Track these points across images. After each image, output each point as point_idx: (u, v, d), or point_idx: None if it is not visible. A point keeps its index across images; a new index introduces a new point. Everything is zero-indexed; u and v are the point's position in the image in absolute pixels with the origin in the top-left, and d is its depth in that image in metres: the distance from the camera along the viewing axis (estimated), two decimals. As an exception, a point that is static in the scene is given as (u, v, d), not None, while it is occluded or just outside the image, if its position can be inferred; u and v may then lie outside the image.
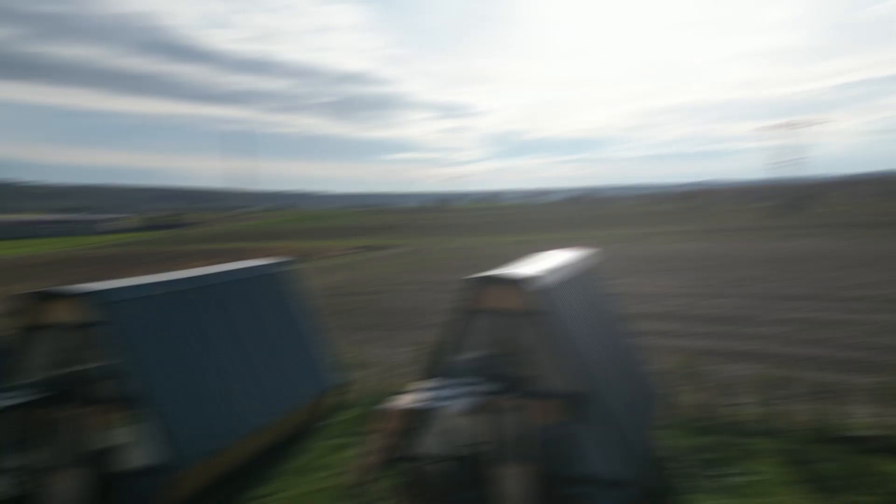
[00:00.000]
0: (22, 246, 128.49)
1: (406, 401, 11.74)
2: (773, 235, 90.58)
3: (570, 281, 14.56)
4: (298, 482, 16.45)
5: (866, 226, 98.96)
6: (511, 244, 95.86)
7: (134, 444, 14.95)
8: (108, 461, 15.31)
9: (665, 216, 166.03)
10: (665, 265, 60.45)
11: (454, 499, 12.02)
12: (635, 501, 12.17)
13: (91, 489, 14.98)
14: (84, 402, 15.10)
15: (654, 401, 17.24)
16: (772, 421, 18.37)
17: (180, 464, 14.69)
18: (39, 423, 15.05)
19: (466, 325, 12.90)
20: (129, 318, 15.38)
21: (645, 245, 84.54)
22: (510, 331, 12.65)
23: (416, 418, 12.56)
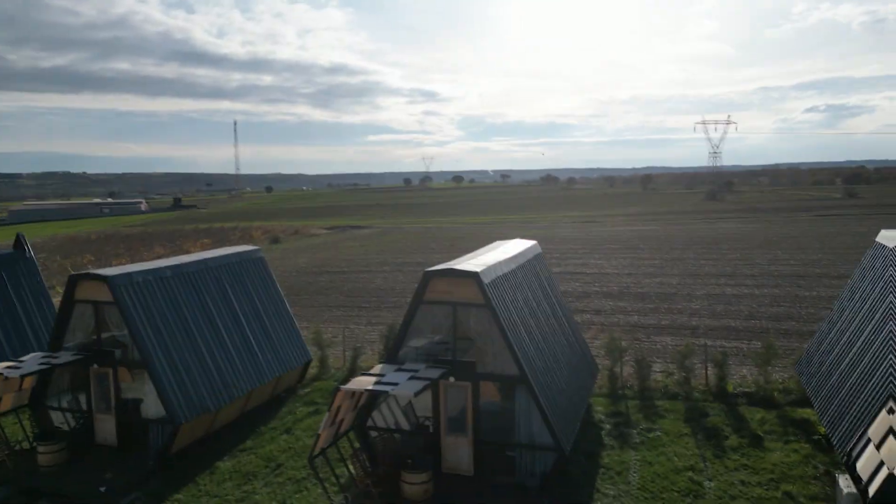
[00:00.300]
0: (91, 224, 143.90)
1: (359, 383, 13.20)
2: (703, 218, 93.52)
3: (515, 272, 16.18)
4: (273, 440, 18.09)
5: (770, 211, 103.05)
6: (478, 225, 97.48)
7: (148, 399, 16.62)
8: (131, 410, 17.23)
9: (621, 198, 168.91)
10: (618, 246, 62.59)
11: (404, 465, 13.59)
12: (560, 461, 13.93)
13: (120, 430, 17.23)
14: (113, 363, 17.05)
15: (590, 372, 19.01)
16: (676, 386, 20.34)
17: (181, 418, 16.19)
18: (83, 377, 17.35)
19: (417, 313, 14.46)
20: (140, 297, 16.78)
21: (603, 227, 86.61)
22: (456, 320, 14.25)
23: (367, 399, 14.13)
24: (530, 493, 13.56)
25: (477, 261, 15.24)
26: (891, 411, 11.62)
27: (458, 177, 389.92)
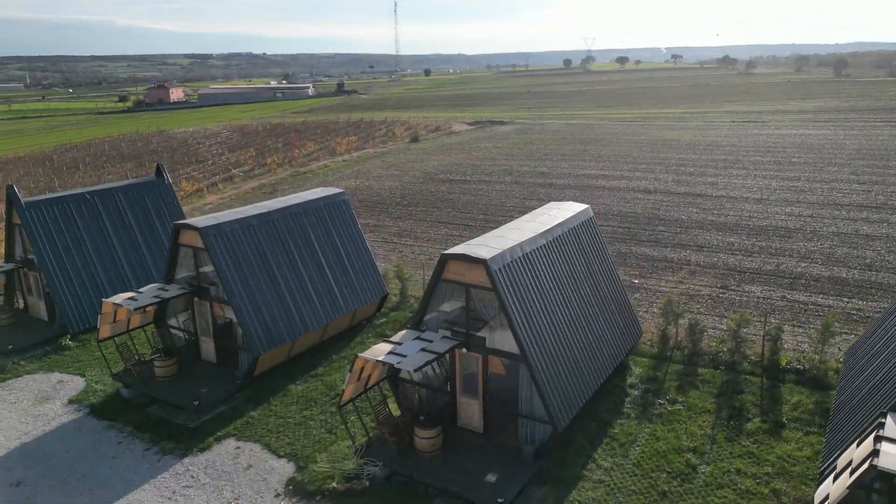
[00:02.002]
0: (264, 109, 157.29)
1: (374, 352, 15.09)
2: (890, 120, 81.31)
3: (541, 249, 16.77)
4: (340, 369, 20.95)
5: None
6: (624, 122, 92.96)
7: (237, 329, 20.04)
8: (226, 335, 20.83)
9: (803, 88, 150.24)
10: (767, 158, 57.42)
11: (417, 421, 15.58)
12: (555, 434, 15.17)
13: (218, 351, 20.98)
14: (209, 298, 20.54)
15: (627, 337, 19.38)
16: (728, 354, 20.08)
17: (259, 349, 19.44)
18: (191, 306, 21.22)
19: (437, 289, 15.86)
20: (226, 244, 19.81)
21: (764, 128, 79.06)
22: (468, 299, 15.49)
23: (382, 367, 16.02)
24: (525, 457, 15.12)
25: (498, 242, 16.03)
26: (859, 444, 11.44)
27: (622, 57, 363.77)
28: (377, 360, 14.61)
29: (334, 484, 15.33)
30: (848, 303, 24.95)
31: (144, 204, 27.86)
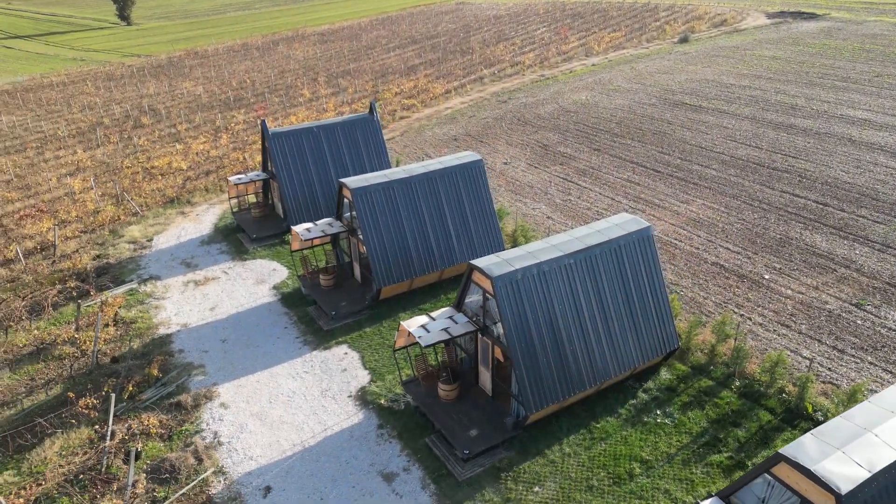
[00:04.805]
0: None
1: (412, 323, 20.56)
2: None
3: (565, 267, 20.06)
4: (434, 307, 26.87)
5: None
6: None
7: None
8: (366, 266, 28.31)
9: None
10: None
11: (440, 377, 21.13)
12: (527, 416, 19.49)
13: (362, 274, 28.52)
14: (355, 236, 27.80)
15: (653, 349, 21.54)
16: (763, 385, 21.12)
17: (380, 283, 26.45)
18: (341, 243, 28.68)
19: (469, 286, 20.56)
20: (369, 201, 26.54)
21: None
22: (485, 299, 19.98)
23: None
24: (505, 425, 19.98)
25: (520, 260, 19.69)
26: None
27: None
28: (409, 331, 20.44)
29: (382, 401, 22.18)
30: None
31: (356, 137, 35.69)
